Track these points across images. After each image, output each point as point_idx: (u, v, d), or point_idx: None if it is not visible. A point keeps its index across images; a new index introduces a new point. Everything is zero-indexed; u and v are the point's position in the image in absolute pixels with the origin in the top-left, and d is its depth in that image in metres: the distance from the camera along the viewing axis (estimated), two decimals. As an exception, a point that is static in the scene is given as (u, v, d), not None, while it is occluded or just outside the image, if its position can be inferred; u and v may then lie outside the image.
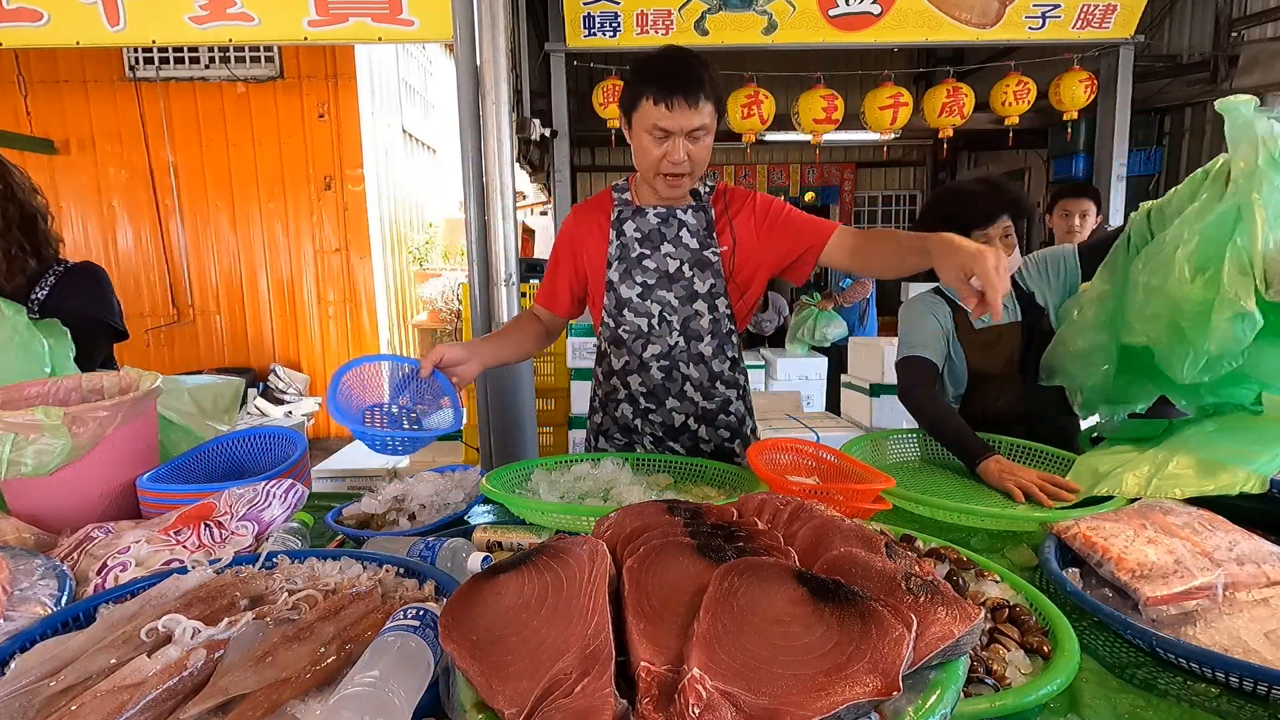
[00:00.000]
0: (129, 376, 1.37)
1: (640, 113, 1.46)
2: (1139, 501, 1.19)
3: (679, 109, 1.41)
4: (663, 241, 1.63)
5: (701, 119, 1.43)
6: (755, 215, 1.63)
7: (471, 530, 1.16)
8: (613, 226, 1.65)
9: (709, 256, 1.62)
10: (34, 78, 5.56)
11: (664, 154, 1.47)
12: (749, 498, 0.90)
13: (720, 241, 1.62)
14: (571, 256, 1.70)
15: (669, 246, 1.63)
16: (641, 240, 1.63)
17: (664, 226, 1.63)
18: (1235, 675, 0.77)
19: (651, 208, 1.63)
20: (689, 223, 1.63)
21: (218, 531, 1.08)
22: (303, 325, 6.13)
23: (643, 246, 1.63)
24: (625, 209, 1.65)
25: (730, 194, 1.66)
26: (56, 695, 0.65)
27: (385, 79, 6.51)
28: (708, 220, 1.63)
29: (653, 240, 1.63)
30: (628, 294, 1.64)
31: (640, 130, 1.48)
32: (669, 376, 1.66)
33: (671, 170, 1.49)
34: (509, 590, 0.69)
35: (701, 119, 1.43)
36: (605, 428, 1.76)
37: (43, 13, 3.31)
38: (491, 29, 2.72)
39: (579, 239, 1.69)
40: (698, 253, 1.62)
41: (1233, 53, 4.83)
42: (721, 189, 1.66)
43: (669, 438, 1.71)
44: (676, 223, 1.63)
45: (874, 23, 4.35)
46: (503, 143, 2.79)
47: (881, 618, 0.58)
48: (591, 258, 1.67)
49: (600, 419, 1.77)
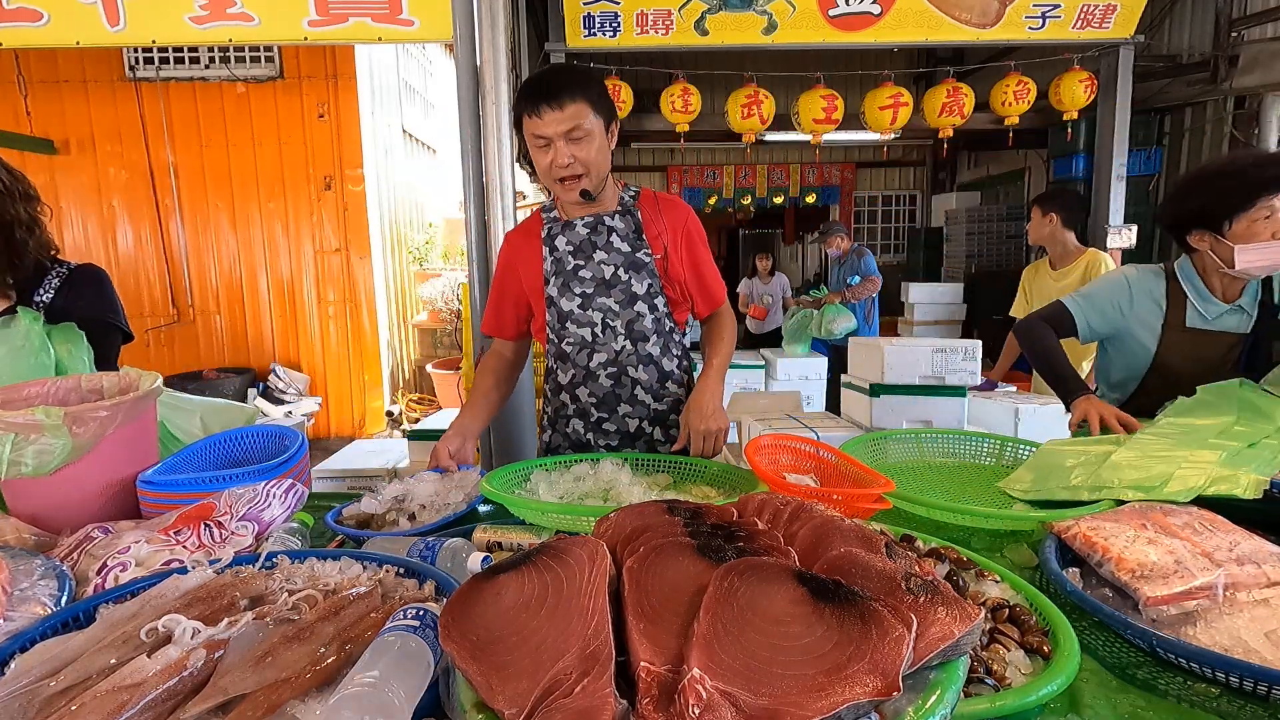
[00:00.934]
0: (129, 376, 1.37)
1: (524, 130, 1.54)
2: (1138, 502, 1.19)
3: (547, 114, 1.48)
4: (595, 250, 1.65)
5: (574, 120, 1.49)
6: (679, 229, 1.69)
7: (471, 530, 1.16)
8: (544, 244, 1.67)
9: (642, 258, 1.66)
10: (34, 78, 5.56)
11: (550, 160, 1.53)
12: (749, 498, 0.90)
13: (653, 247, 1.67)
14: (513, 281, 1.72)
15: (601, 254, 1.65)
16: (574, 252, 1.66)
17: (594, 235, 1.66)
18: (1235, 675, 0.77)
19: (579, 219, 1.66)
20: (618, 228, 1.67)
21: (218, 531, 1.08)
22: (303, 325, 6.13)
23: (576, 258, 1.66)
24: (554, 225, 1.69)
25: (660, 200, 1.71)
26: (56, 695, 0.65)
27: (385, 79, 6.51)
28: (636, 223, 1.67)
29: (585, 250, 1.66)
30: (568, 306, 1.65)
31: (530, 146, 1.55)
32: (618, 383, 1.68)
33: (562, 174, 1.54)
34: (509, 590, 0.69)
35: (574, 120, 1.49)
36: (556, 445, 1.76)
37: (43, 13, 3.31)
38: (491, 29, 2.72)
39: (515, 263, 1.72)
40: (630, 255, 1.66)
41: (1233, 53, 4.82)
42: (648, 195, 1.72)
43: (625, 445, 1.72)
44: (605, 229, 1.66)
45: (874, 23, 4.35)
46: (503, 143, 2.79)
47: (881, 618, 0.58)
48: (529, 279, 1.69)
49: (550, 436, 1.77)
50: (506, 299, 1.74)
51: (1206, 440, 1.33)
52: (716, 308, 1.78)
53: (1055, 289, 3.20)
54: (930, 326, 7.14)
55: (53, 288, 1.66)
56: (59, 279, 1.67)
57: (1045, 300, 3.20)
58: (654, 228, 1.68)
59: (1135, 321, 1.74)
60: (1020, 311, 3.41)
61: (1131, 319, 1.74)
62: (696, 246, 1.72)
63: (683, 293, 1.72)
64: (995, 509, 1.33)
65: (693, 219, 1.73)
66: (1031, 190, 7.45)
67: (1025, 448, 1.61)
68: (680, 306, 1.73)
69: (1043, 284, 3.34)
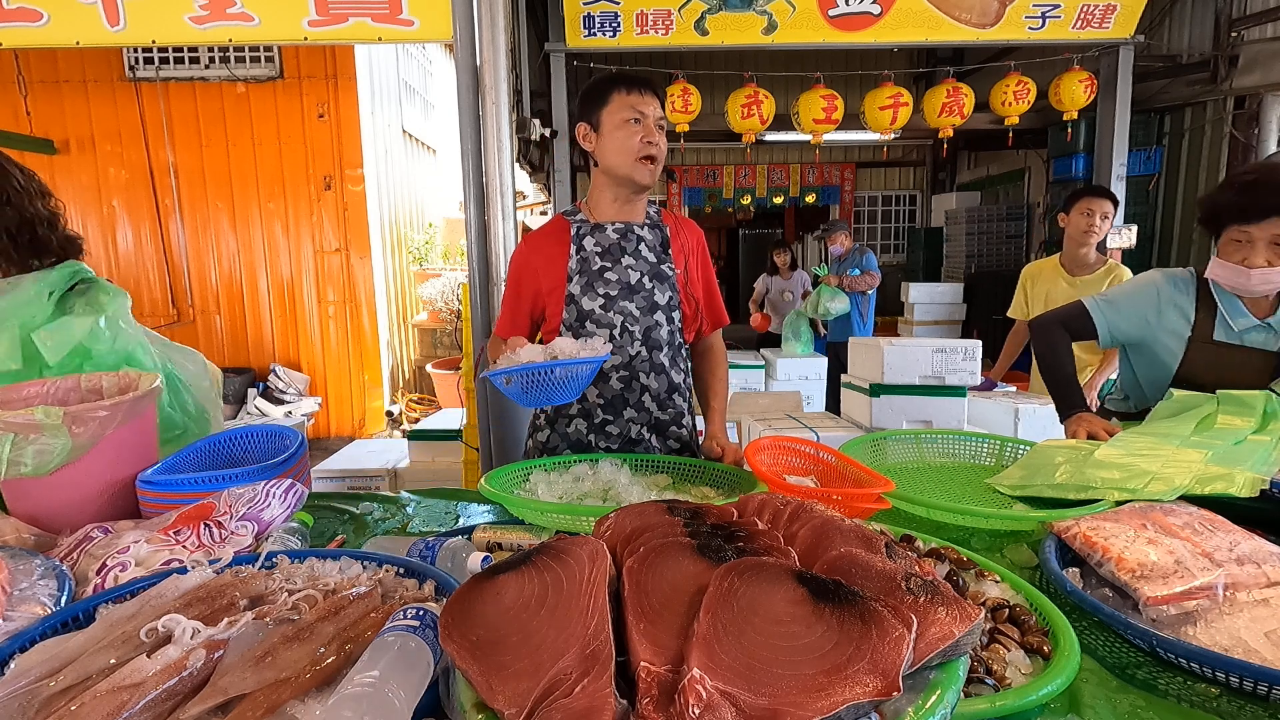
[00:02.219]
0: (128, 376, 1.37)
1: (608, 109, 1.59)
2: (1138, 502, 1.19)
3: (647, 95, 1.60)
4: (623, 255, 1.68)
5: (659, 111, 1.61)
6: (696, 249, 1.78)
7: (472, 530, 1.16)
8: (573, 242, 1.68)
9: (666, 270, 1.70)
10: (34, 78, 5.56)
11: (641, 137, 1.58)
12: (749, 498, 0.90)
13: (675, 262, 1.72)
14: (532, 282, 1.71)
15: (629, 259, 1.68)
16: (602, 254, 1.67)
17: (623, 241, 1.68)
18: (1235, 675, 0.77)
19: (610, 223, 1.69)
20: (646, 238, 1.70)
21: (217, 531, 1.07)
22: (303, 325, 6.13)
23: (604, 260, 1.67)
24: (584, 226, 1.70)
25: (678, 220, 1.78)
26: (56, 695, 0.65)
27: (385, 79, 6.52)
28: (663, 237, 1.72)
29: (613, 254, 1.67)
30: (590, 306, 1.65)
31: (613, 125, 1.59)
32: (628, 387, 1.68)
33: (650, 152, 1.59)
34: (509, 590, 0.69)
35: (659, 111, 1.61)
36: (554, 445, 1.74)
37: (43, 13, 3.31)
38: (491, 29, 2.72)
39: (536, 264, 1.71)
40: (655, 266, 1.69)
41: (1233, 53, 4.83)
42: (668, 213, 1.78)
43: (624, 450, 1.71)
44: (635, 237, 1.69)
45: (874, 23, 4.35)
46: (503, 143, 2.79)
47: (881, 618, 0.58)
48: (550, 278, 1.69)
49: (546, 436, 1.76)
50: (523, 301, 1.73)
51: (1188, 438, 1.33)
52: (718, 329, 1.86)
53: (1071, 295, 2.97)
54: (930, 326, 7.15)
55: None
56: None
57: (1052, 304, 3.10)
58: (677, 243, 1.74)
59: (1162, 331, 1.69)
60: (1018, 312, 3.31)
61: (1158, 328, 1.69)
62: (708, 267, 1.81)
63: (696, 310, 1.76)
64: (995, 509, 1.33)
65: (704, 241, 1.82)
66: (1031, 190, 7.46)
67: (1025, 448, 1.61)
68: (690, 324, 1.76)
69: (1054, 288, 3.13)
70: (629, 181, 1.63)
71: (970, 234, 7.71)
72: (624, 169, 1.61)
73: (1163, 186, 5.65)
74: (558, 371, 1.35)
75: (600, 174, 1.67)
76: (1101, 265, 3.04)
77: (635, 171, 1.60)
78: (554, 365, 1.34)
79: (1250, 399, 1.42)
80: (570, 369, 1.35)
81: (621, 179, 1.63)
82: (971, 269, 7.65)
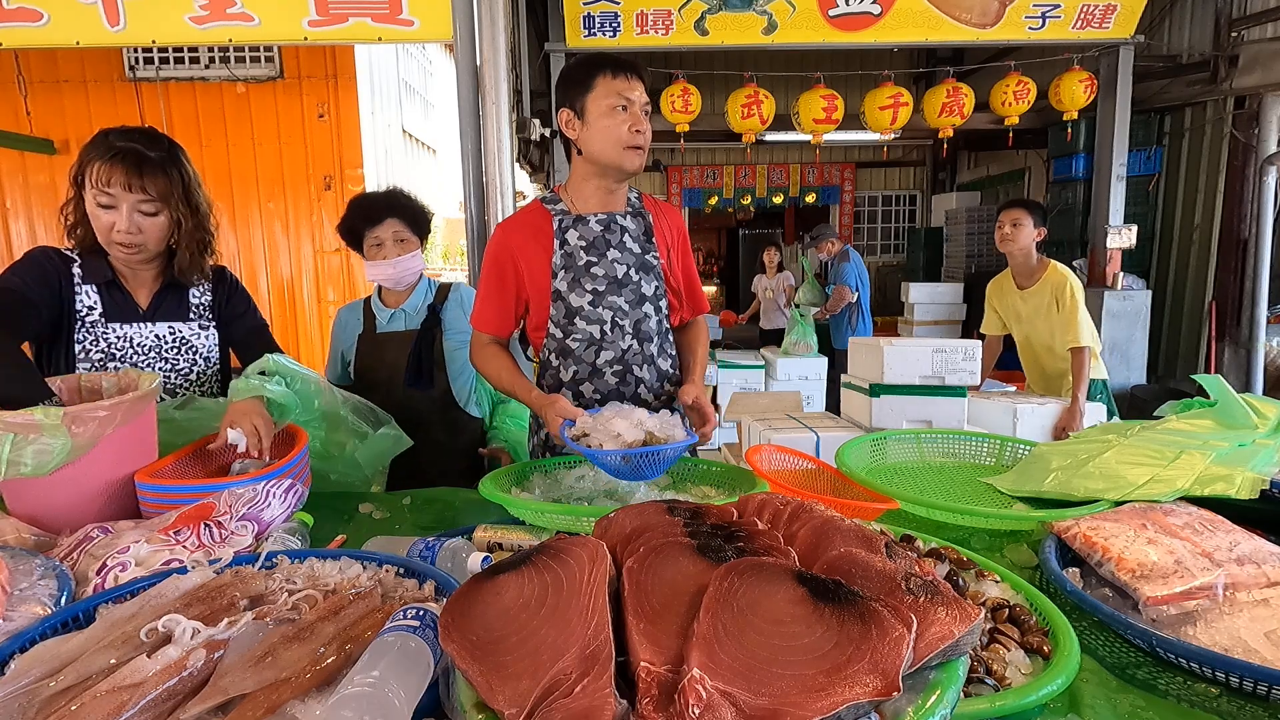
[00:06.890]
0: (128, 376, 1.37)
1: (594, 93, 1.54)
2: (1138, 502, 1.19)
3: (634, 81, 1.55)
4: (608, 248, 1.63)
5: (645, 97, 1.56)
6: (677, 237, 1.75)
7: (472, 530, 1.16)
8: (555, 236, 1.62)
9: (651, 260, 1.67)
10: (34, 78, 5.55)
11: (630, 125, 1.53)
12: (749, 498, 0.90)
13: (659, 250, 1.69)
14: (514, 273, 1.64)
15: (615, 252, 1.64)
16: (587, 248, 1.62)
17: (607, 233, 1.64)
18: (1235, 675, 0.77)
19: (593, 215, 1.64)
20: (629, 228, 1.66)
21: (217, 531, 1.07)
22: (303, 325, 6.12)
23: (589, 254, 1.62)
24: (565, 218, 1.64)
25: (659, 205, 1.75)
26: (56, 695, 0.65)
27: (385, 79, 6.51)
28: (646, 225, 1.69)
29: (598, 247, 1.63)
30: (578, 302, 1.62)
31: (598, 111, 1.54)
32: (623, 381, 1.66)
33: (638, 141, 1.55)
34: (509, 590, 0.69)
35: (645, 97, 1.56)
36: (553, 444, 1.71)
37: (43, 13, 3.31)
38: (491, 29, 2.72)
39: (516, 255, 1.64)
40: (640, 257, 1.66)
41: (1233, 53, 4.82)
42: (649, 198, 1.74)
43: None
44: (619, 228, 1.65)
45: (874, 23, 4.35)
46: (503, 143, 2.79)
47: (881, 618, 0.58)
48: (533, 271, 1.63)
49: (547, 435, 1.72)
50: (508, 288, 1.66)
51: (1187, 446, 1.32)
52: (699, 315, 1.84)
53: (1025, 309, 3.03)
54: (930, 326, 7.14)
55: (206, 289, 1.72)
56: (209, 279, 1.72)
57: (1018, 320, 3.09)
58: (660, 231, 1.70)
59: None
60: (992, 328, 3.23)
61: None
62: (688, 255, 1.79)
63: (678, 297, 1.75)
64: (995, 509, 1.33)
65: (684, 227, 1.79)
66: (1031, 190, 7.45)
67: (1024, 448, 1.62)
68: (675, 311, 1.76)
69: (1010, 302, 3.12)
70: (616, 170, 1.57)
71: (970, 234, 7.70)
72: (611, 158, 1.55)
73: (1163, 186, 5.64)
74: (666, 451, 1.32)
75: (584, 162, 1.60)
76: (1043, 269, 3.01)
77: (624, 160, 1.55)
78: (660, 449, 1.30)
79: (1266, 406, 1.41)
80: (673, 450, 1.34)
81: (608, 167, 1.57)
82: (972, 269, 7.64)
